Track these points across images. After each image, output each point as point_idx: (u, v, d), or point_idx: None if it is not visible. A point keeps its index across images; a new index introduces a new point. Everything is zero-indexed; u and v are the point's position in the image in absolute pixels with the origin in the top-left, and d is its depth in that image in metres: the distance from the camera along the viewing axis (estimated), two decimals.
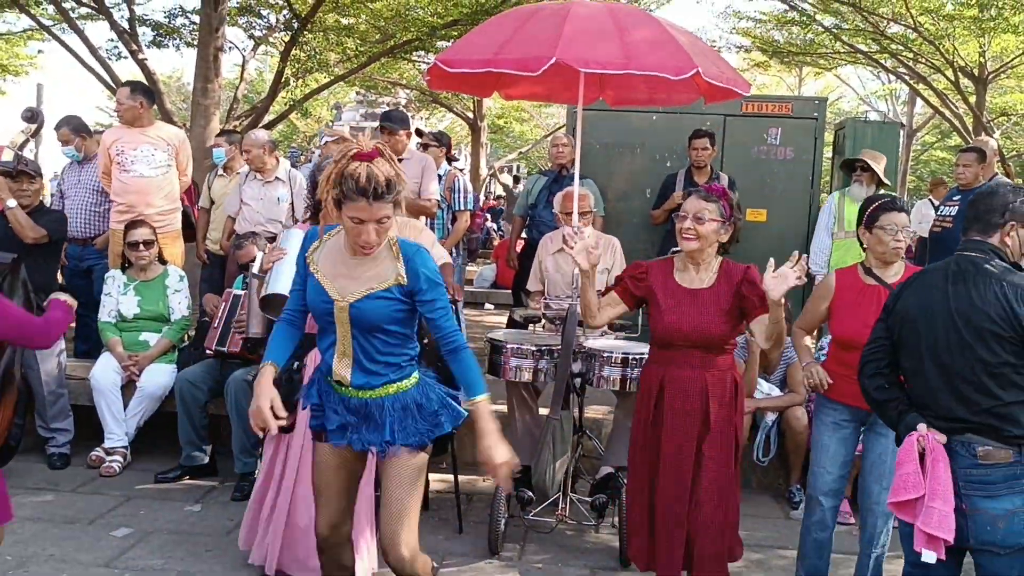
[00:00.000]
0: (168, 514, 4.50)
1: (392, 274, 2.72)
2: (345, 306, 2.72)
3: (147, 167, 5.84)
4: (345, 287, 2.73)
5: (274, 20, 13.02)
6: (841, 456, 3.67)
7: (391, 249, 2.74)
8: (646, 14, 4.68)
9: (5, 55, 18.75)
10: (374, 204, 2.55)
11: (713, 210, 3.37)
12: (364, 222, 2.58)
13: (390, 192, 2.57)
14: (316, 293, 2.77)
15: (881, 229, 3.60)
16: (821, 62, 19.02)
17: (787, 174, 7.30)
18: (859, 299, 3.63)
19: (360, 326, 2.72)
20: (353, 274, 2.74)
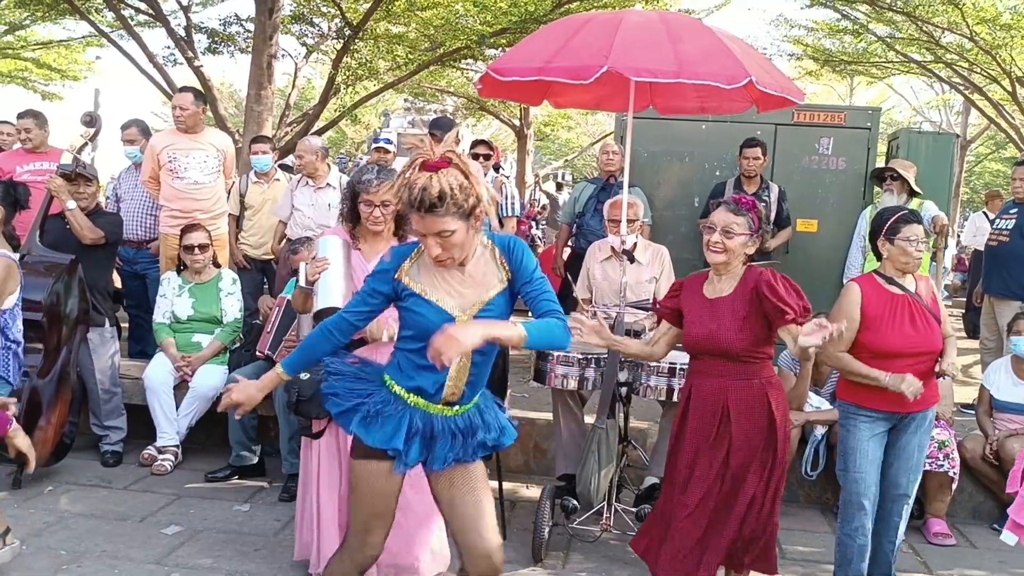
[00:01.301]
0: (217, 513, 4.57)
1: (498, 273, 2.66)
2: (468, 320, 2.59)
3: (200, 173, 5.96)
4: (460, 301, 2.64)
5: (326, 28, 13.19)
6: (879, 460, 3.74)
7: (486, 249, 2.67)
8: (699, 23, 4.66)
9: (64, 61, 19.25)
10: (427, 217, 2.44)
11: (742, 224, 3.35)
12: (424, 236, 2.50)
13: (442, 204, 2.42)
14: (432, 313, 2.61)
15: (905, 240, 3.63)
16: (873, 71, 18.78)
17: (839, 185, 7.21)
18: (892, 310, 3.64)
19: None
20: (462, 287, 2.65)
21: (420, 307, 2.63)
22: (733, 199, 3.45)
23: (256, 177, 6.70)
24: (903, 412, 3.65)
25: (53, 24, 16.02)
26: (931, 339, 3.62)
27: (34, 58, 18.88)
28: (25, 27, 16.74)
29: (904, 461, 3.73)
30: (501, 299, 2.67)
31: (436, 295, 2.63)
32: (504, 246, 2.68)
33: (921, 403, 3.60)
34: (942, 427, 4.75)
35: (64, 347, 4.86)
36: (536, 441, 5.40)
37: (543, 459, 5.35)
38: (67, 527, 4.29)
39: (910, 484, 3.76)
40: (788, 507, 3.60)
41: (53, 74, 19.58)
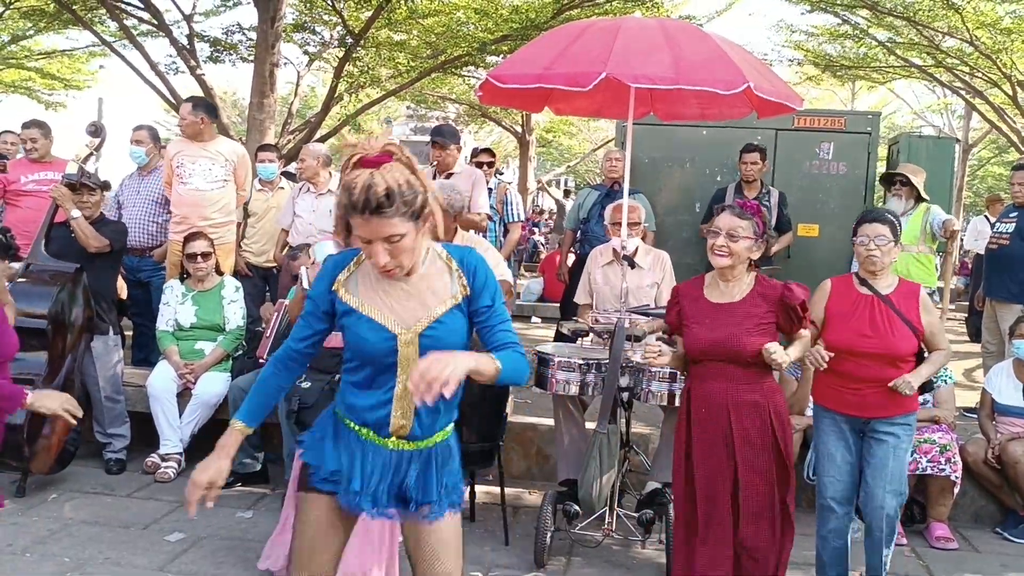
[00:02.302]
0: (220, 520, 4.58)
1: (452, 287, 2.30)
2: (412, 338, 2.26)
3: (203, 180, 5.99)
4: (405, 315, 2.27)
5: (328, 36, 13.25)
6: (848, 463, 3.68)
7: (440, 257, 2.33)
8: (697, 29, 4.68)
9: (68, 71, 19.34)
10: (372, 220, 2.11)
11: (747, 227, 3.37)
12: (370, 241, 2.15)
13: (389, 203, 2.10)
14: (370, 331, 2.27)
15: (858, 240, 3.63)
16: (875, 76, 18.82)
17: (840, 189, 7.23)
18: (853, 308, 3.64)
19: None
20: (407, 298, 2.29)
21: (357, 324, 2.28)
22: (737, 203, 3.47)
23: (260, 185, 6.74)
24: (863, 416, 3.59)
25: (56, 34, 16.13)
26: (889, 343, 3.52)
27: (38, 68, 18.98)
28: (29, 37, 16.82)
29: (875, 470, 3.59)
30: (453, 318, 2.29)
31: (374, 310, 2.28)
32: (462, 260, 2.32)
33: (884, 409, 3.54)
34: (944, 431, 4.76)
35: (68, 355, 4.88)
36: (538, 446, 5.41)
37: (545, 464, 5.36)
38: (71, 534, 4.31)
39: (886, 496, 3.57)
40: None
41: (57, 84, 19.68)
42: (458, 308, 2.29)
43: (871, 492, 3.61)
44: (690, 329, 3.49)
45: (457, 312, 2.29)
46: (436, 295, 2.29)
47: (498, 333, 2.31)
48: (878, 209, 3.85)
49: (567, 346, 4.78)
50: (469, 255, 2.33)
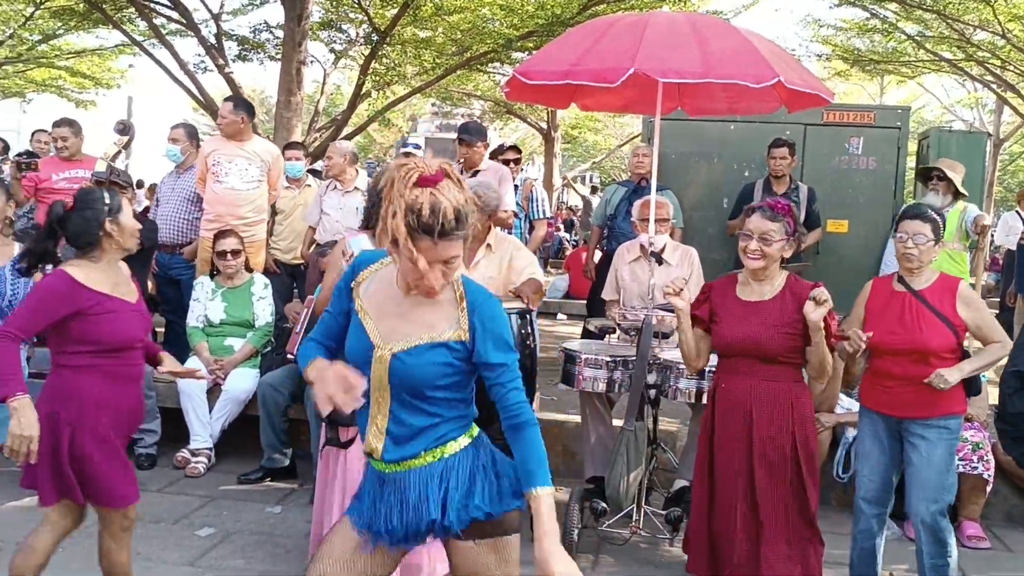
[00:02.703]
0: (250, 515, 4.62)
1: (451, 324, 2.19)
2: (386, 355, 2.18)
3: (239, 180, 6.04)
4: (392, 332, 2.20)
5: (354, 34, 13.30)
6: (883, 464, 3.63)
7: (454, 291, 2.22)
8: (726, 23, 4.65)
9: (98, 69, 19.56)
10: (440, 243, 2.06)
11: (778, 230, 3.34)
12: (430, 264, 2.08)
13: (460, 227, 2.07)
14: (356, 336, 2.24)
15: (896, 234, 3.58)
16: (904, 70, 18.61)
17: (869, 184, 7.16)
18: (885, 306, 3.60)
19: (400, 384, 2.18)
20: (403, 319, 2.21)
21: (354, 327, 2.26)
22: (768, 204, 3.42)
23: (287, 182, 6.77)
24: (897, 416, 3.54)
25: (86, 33, 16.30)
26: (916, 338, 3.46)
27: (68, 67, 19.20)
28: (59, 36, 17.02)
29: (910, 476, 3.53)
30: (434, 354, 2.17)
31: (368, 317, 2.24)
32: (473, 304, 2.20)
33: (917, 409, 3.48)
34: (976, 429, 4.69)
35: None
36: (564, 444, 5.40)
37: (571, 462, 5.34)
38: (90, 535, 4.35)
39: (919, 503, 3.49)
40: (819, 509, 3.56)
41: (87, 82, 19.91)
42: (445, 347, 2.18)
43: (907, 498, 3.57)
44: (718, 325, 3.48)
45: (440, 349, 2.17)
46: (430, 326, 2.20)
47: (509, 393, 2.19)
48: (922, 206, 3.76)
49: (594, 343, 4.77)
50: (483, 305, 2.20)
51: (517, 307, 4.09)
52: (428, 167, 2.08)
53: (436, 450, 2.23)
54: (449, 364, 2.18)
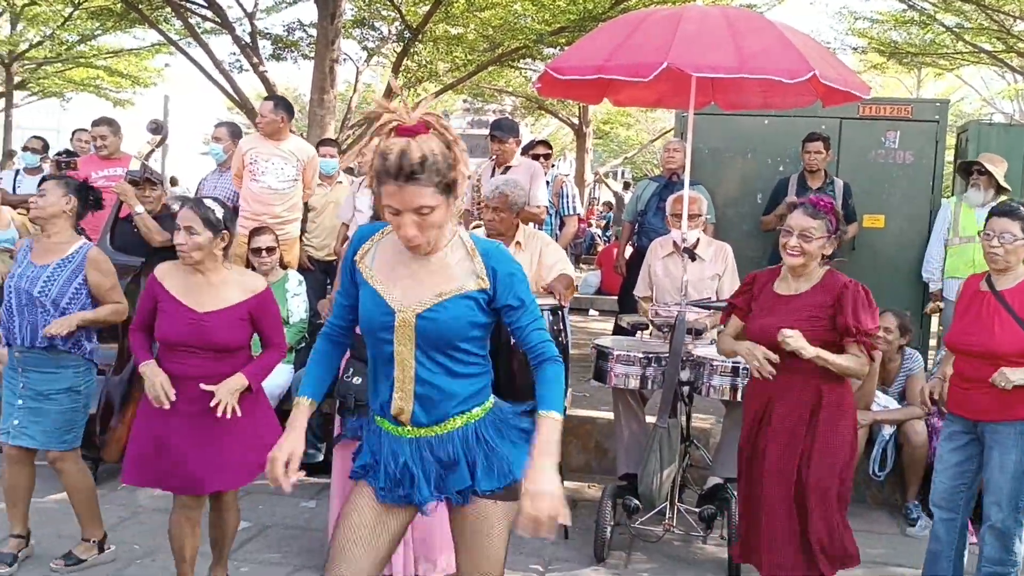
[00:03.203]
0: (284, 509, 4.66)
1: (469, 274, 2.20)
2: (410, 318, 2.18)
3: (275, 179, 6.09)
4: (408, 294, 2.20)
5: (386, 31, 13.36)
6: (954, 466, 3.58)
7: (464, 244, 2.24)
8: (760, 17, 4.61)
9: (135, 69, 19.85)
10: (406, 187, 2.04)
11: (819, 227, 3.29)
12: (400, 212, 2.08)
13: (423, 171, 2.04)
14: (372, 304, 2.22)
15: (984, 234, 3.53)
16: (942, 63, 18.32)
17: (906, 179, 7.05)
18: (967, 306, 3.56)
19: (428, 343, 2.18)
20: (416, 278, 2.21)
21: (367, 297, 2.24)
22: (810, 201, 3.37)
23: (320, 179, 6.81)
24: (972, 418, 3.50)
25: (123, 33, 16.54)
26: (987, 340, 3.40)
27: (106, 66, 19.50)
28: (97, 36, 17.29)
29: (986, 482, 3.49)
30: (457, 305, 2.18)
31: (380, 283, 2.23)
32: (487, 252, 2.23)
33: (991, 412, 3.41)
34: None
35: None
36: (597, 440, 5.40)
37: (604, 459, 5.34)
38: (140, 522, 4.42)
39: (991, 507, 3.45)
40: (855, 507, 3.54)
41: (124, 81, 20.22)
42: (468, 297, 2.19)
43: (985, 510, 3.52)
44: (751, 318, 3.46)
45: (465, 301, 2.19)
46: (448, 280, 2.20)
47: (531, 334, 2.24)
48: (1013, 203, 3.71)
49: (626, 339, 4.75)
50: (496, 250, 2.25)
51: (549, 303, 4.09)
52: (409, 118, 2.09)
53: (465, 415, 2.25)
54: (475, 314, 2.20)
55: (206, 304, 3.31)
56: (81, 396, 3.84)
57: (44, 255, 3.83)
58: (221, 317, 3.30)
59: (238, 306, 3.33)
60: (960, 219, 6.09)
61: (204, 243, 3.27)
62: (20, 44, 18.09)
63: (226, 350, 3.32)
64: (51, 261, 3.80)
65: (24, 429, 3.73)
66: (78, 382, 3.82)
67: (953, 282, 6.13)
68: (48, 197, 3.83)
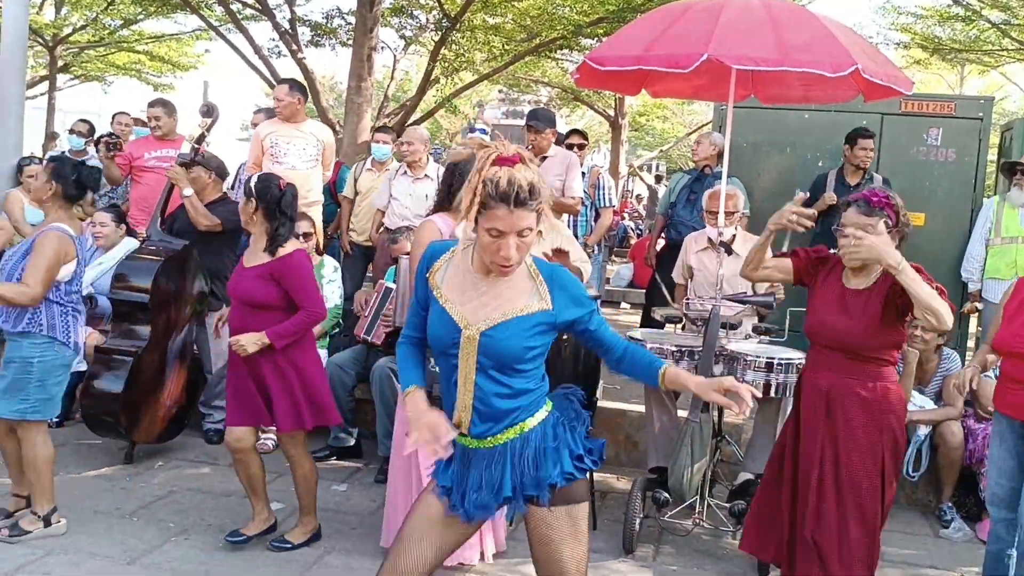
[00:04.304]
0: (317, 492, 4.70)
1: (533, 298, 2.36)
2: (475, 335, 2.32)
3: (299, 160, 6.12)
4: (476, 313, 2.34)
5: (425, 20, 13.37)
6: (1009, 467, 3.54)
7: (528, 268, 2.39)
8: (803, 9, 4.55)
9: (175, 54, 20.05)
10: (515, 212, 2.21)
11: (876, 225, 3.18)
12: (503, 234, 2.23)
13: (532, 198, 2.23)
14: (440, 323, 2.38)
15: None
16: (986, 59, 17.97)
17: (948, 177, 6.94)
18: (1019, 308, 3.51)
19: (489, 360, 2.33)
20: (484, 299, 2.36)
21: (436, 315, 2.40)
22: (864, 197, 3.24)
23: (371, 165, 6.85)
24: (1021, 419, 3.47)
25: (165, 18, 16.72)
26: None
27: (147, 51, 19.71)
28: (139, 21, 17.48)
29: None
30: (519, 326, 2.32)
31: (450, 302, 2.38)
32: (550, 276, 2.39)
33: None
34: None
35: (177, 329, 5.05)
36: (627, 433, 5.39)
37: (634, 451, 5.33)
38: (175, 501, 4.49)
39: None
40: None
41: (165, 66, 20.42)
42: (531, 318, 2.34)
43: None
44: (810, 310, 3.38)
45: (528, 321, 2.33)
46: (513, 301, 2.35)
47: (603, 334, 2.45)
48: None
49: (659, 332, 4.73)
50: (558, 273, 2.41)
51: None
52: (507, 149, 2.27)
53: (516, 427, 2.37)
54: (535, 336, 2.34)
55: (250, 260, 3.85)
56: (34, 370, 3.85)
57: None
58: (251, 273, 3.82)
59: (262, 266, 3.80)
60: (1003, 219, 6.00)
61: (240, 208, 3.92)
62: (64, 28, 18.34)
63: (251, 304, 3.79)
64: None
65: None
66: (31, 355, 3.84)
67: (993, 283, 6.04)
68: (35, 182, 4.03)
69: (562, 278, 2.39)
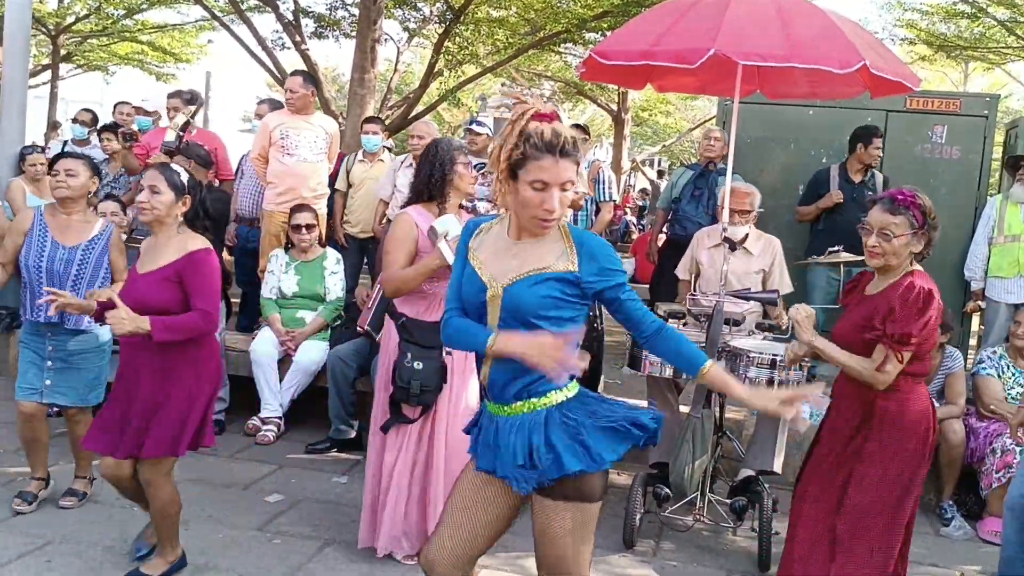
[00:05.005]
0: (317, 484, 4.71)
1: (559, 257, 2.32)
2: (498, 292, 2.32)
3: (310, 152, 6.10)
4: (502, 272, 2.35)
5: (428, 12, 13.34)
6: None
7: (560, 231, 2.36)
8: (811, 4, 4.52)
9: (179, 44, 20.01)
10: (561, 162, 2.22)
11: (901, 224, 3.09)
12: (548, 186, 2.22)
13: (575, 149, 2.25)
14: (470, 284, 2.40)
15: None
16: (991, 57, 17.93)
17: (953, 175, 6.92)
18: None
19: (510, 314, 2.30)
20: (513, 260, 2.35)
21: (468, 277, 2.41)
22: (889, 195, 3.15)
23: (363, 156, 6.82)
24: None
25: (168, 8, 16.69)
26: None
27: (150, 41, 19.67)
28: (142, 11, 17.45)
29: None
30: (542, 285, 2.29)
31: (479, 263, 2.39)
32: (581, 240, 2.35)
33: None
34: None
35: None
36: None
37: (635, 447, 5.31)
38: None
39: None
40: None
41: (168, 57, 20.37)
42: (555, 279, 2.30)
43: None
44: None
45: (550, 280, 2.30)
46: (540, 260, 2.33)
47: (634, 310, 2.35)
48: None
49: None
50: (590, 239, 2.36)
51: None
52: (543, 107, 2.28)
53: (531, 401, 2.33)
54: (556, 294, 2.29)
55: (147, 265, 3.31)
56: (105, 354, 4.08)
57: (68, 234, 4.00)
58: (151, 277, 3.26)
59: (167, 266, 3.26)
60: (1006, 217, 5.98)
61: (167, 202, 3.30)
62: (67, 17, 18.31)
63: (146, 311, 3.18)
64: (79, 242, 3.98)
65: (55, 388, 4.00)
66: (103, 341, 4.06)
67: (996, 281, 6.03)
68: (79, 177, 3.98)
69: (592, 246, 2.34)
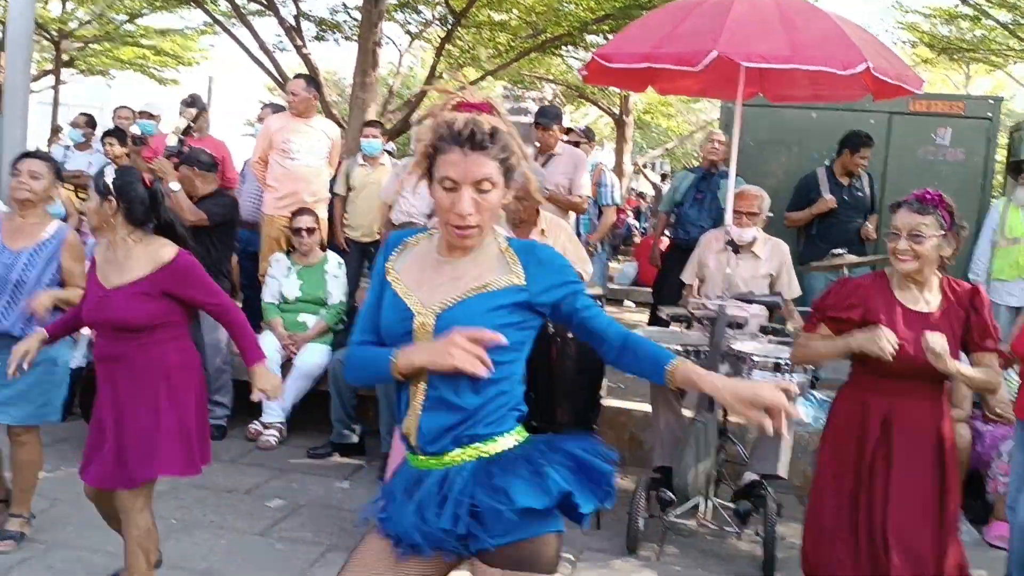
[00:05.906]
0: (318, 489, 4.69)
1: (501, 273, 1.95)
2: (429, 320, 1.92)
3: (312, 156, 6.10)
4: (431, 296, 1.95)
5: (430, 15, 13.35)
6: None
7: (498, 245, 2.00)
8: (814, 6, 4.52)
9: (180, 48, 20.05)
10: (470, 156, 1.86)
11: (931, 224, 2.96)
12: (457, 185, 1.87)
13: (494, 143, 1.88)
14: (392, 310, 1.98)
15: None
16: (993, 59, 17.92)
17: (957, 177, 6.90)
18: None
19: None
20: (443, 280, 1.97)
21: (388, 303, 2.01)
22: (916, 196, 3.01)
23: (363, 160, 6.81)
24: None
25: (170, 13, 16.71)
26: None
27: (152, 46, 19.71)
28: (144, 16, 17.48)
29: None
30: (481, 303, 1.91)
31: (402, 285, 1.99)
32: (526, 251, 1.99)
33: None
34: None
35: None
36: (632, 432, 5.37)
37: (638, 450, 5.31)
38: (177, 497, 4.47)
39: None
40: None
41: (170, 61, 20.41)
42: (496, 295, 1.92)
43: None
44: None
45: (490, 298, 1.92)
46: (476, 279, 1.95)
47: (594, 320, 1.99)
48: None
49: (665, 331, 4.70)
50: (535, 246, 2.03)
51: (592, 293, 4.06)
52: (474, 97, 1.95)
53: (472, 447, 1.93)
54: (504, 316, 1.92)
55: (112, 278, 3.03)
56: (58, 369, 3.80)
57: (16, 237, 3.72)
58: (124, 293, 2.99)
59: (142, 280, 2.99)
60: (1008, 220, 5.97)
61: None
62: (69, 23, 18.34)
63: (126, 328, 2.99)
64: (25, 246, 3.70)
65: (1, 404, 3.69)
66: (57, 354, 3.73)
67: (997, 284, 6.01)
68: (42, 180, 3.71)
69: (540, 252, 1.99)
